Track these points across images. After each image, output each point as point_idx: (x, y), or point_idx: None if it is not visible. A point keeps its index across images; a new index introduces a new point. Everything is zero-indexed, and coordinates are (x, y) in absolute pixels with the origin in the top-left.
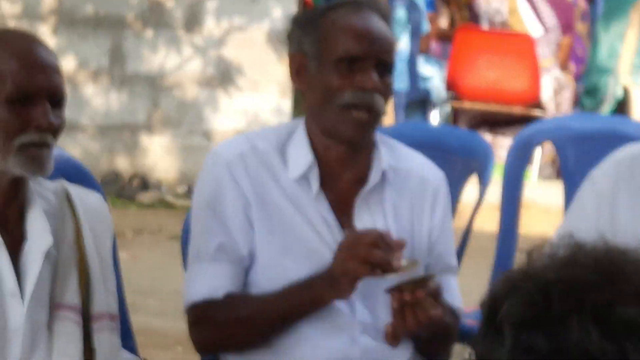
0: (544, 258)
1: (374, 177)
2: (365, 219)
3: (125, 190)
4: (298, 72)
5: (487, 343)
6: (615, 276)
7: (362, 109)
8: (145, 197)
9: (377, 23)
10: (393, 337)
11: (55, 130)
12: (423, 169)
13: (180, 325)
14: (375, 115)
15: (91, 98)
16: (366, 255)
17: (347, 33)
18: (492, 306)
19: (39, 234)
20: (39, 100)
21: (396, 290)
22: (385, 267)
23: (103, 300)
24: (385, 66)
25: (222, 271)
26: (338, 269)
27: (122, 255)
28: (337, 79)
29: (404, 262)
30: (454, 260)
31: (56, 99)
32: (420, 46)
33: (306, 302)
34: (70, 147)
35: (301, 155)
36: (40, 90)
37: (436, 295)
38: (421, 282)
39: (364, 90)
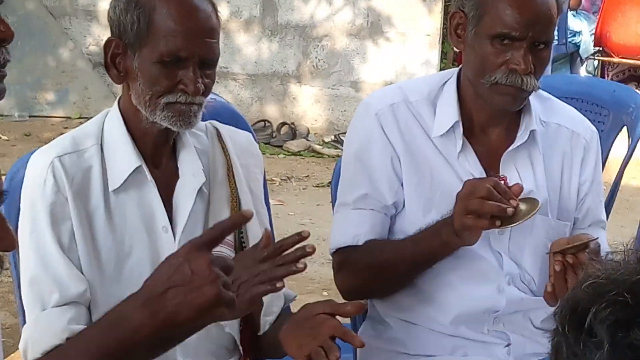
0: (615, 264)
1: (521, 136)
2: (512, 174)
3: (274, 137)
4: (457, 29)
5: (578, 349)
6: None
7: (512, 88)
8: (293, 145)
9: None
10: (552, 297)
11: (203, 92)
12: (575, 123)
13: (325, 271)
14: (525, 93)
15: (243, 47)
16: (479, 209)
17: (507, 9)
18: (575, 315)
19: (191, 172)
20: (190, 63)
21: (559, 253)
22: (502, 217)
23: (257, 234)
24: (542, 42)
25: (365, 219)
26: (457, 223)
27: (270, 202)
28: (491, 55)
29: (522, 206)
30: (602, 215)
31: (209, 61)
32: (570, 1)
33: (436, 247)
34: (222, 94)
35: (448, 112)
36: (192, 55)
37: (596, 256)
38: (583, 245)
39: (516, 72)
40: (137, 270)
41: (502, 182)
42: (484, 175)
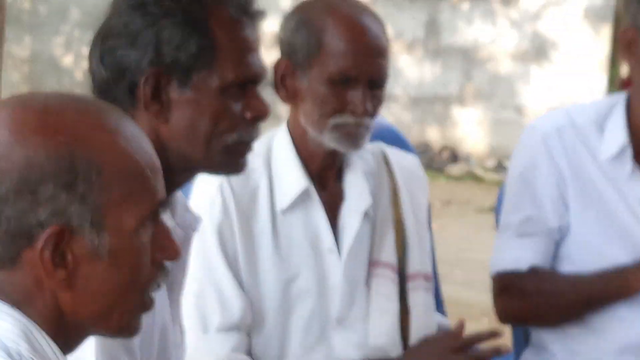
0: None
1: None
2: None
3: (434, 161)
4: (628, 46)
5: None
6: None
7: None
8: (454, 169)
9: None
10: None
11: (371, 113)
12: None
13: (486, 297)
14: None
15: (405, 69)
16: None
17: None
18: None
19: (357, 194)
20: (359, 83)
21: None
22: None
23: (418, 260)
24: None
25: (529, 244)
26: None
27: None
28: None
29: None
30: None
31: (378, 81)
32: None
33: (612, 289)
34: (383, 116)
35: (617, 135)
36: (362, 75)
37: None
38: None
39: None
40: (303, 292)
41: None
42: None
